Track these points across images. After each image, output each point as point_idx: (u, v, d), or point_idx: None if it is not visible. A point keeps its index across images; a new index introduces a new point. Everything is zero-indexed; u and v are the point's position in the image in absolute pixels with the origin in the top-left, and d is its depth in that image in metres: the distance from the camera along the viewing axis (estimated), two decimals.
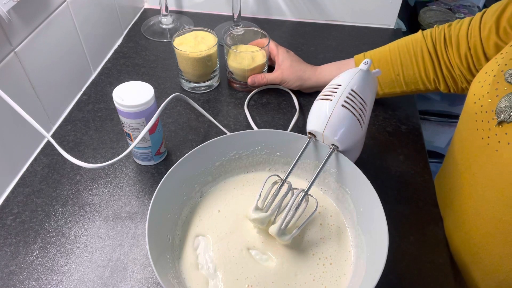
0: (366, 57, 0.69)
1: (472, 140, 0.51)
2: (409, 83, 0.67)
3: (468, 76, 0.61)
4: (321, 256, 0.51)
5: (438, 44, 0.64)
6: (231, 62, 0.77)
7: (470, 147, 0.52)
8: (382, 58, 0.68)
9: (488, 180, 0.49)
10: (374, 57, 0.69)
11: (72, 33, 0.75)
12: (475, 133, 0.50)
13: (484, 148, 0.48)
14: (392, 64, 0.67)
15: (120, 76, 0.84)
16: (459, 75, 0.63)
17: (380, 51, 0.70)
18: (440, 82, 0.65)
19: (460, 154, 0.56)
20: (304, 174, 0.59)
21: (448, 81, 0.64)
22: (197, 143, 0.68)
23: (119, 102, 0.57)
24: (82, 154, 0.68)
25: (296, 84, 0.76)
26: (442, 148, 1.30)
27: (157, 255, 0.45)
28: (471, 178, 0.53)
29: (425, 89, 0.68)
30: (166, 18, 0.96)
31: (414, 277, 0.54)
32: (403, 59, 0.66)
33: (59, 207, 0.61)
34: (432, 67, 0.65)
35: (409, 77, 0.67)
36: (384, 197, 0.48)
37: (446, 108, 1.22)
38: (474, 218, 0.53)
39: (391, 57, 0.67)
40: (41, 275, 0.53)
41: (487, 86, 0.48)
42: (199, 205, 0.56)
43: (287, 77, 0.75)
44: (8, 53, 0.59)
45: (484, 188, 0.50)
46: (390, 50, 0.68)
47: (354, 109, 0.53)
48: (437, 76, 0.65)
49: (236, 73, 0.78)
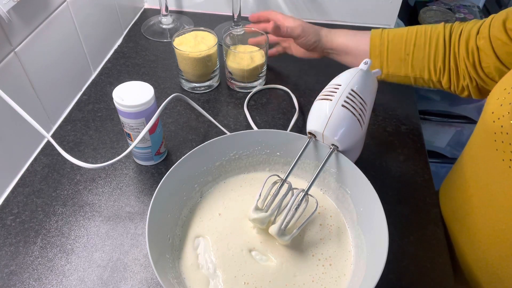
0: (385, 32, 0.68)
1: (489, 159, 0.50)
2: (415, 66, 0.66)
3: (472, 73, 0.60)
4: (321, 257, 0.51)
5: (454, 35, 0.62)
6: (230, 63, 0.77)
7: (487, 167, 0.51)
8: (398, 35, 0.66)
9: (509, 202, 0.48)
10: (391, 32, 0.67)
11: (72, 33, 0.75)
12: (494, 153, 0.48)
13: (504, 170, 0.47)
14: (406, 42, 0.65)
15: (120, 76, 0.84)
16: (463, 69, 0.61)
17: (398, 29, 0.68)
18: (444, 74, 0.64)
19: (473, 172, 0.54)
20: (304, 174, 0.59)
21: (452, 75, 0.63)
22: (197, 143, 0.68)
23: (119, 102, 0.57)
24: (82, 154, 0.68)
25: (314, 40, 0.72)
26: (442, 148, 1.30)
27: (157, 255, 0.45)
28: (488, 198, 0.51)
29: (428, 79, 0.66)
30: (166, 18, 0.96)
31: (414, 277, 0.54)
32: (418, 40, 0.65)
33: (59, 207, 0.61)
34: (443, 55, 0.63)
35: (418, 60, 0.65)
36: (384, 197, 0.48)
37: (446, 108, 1.22)
38: (492, 239, 0.52)
39: (407, 36, 0.66)
40: (41, 275, 0.53)
41: (507, 106, 0.46)
42: (199, 205, 0.56)
43: (307, 29, 0.71)
44: (8, 53, 0.59)
45: (504, 210, 0.49)
46: (409, 30, 0.67)
47: (354, 109, 0.53)
48: (444, 66, 0.64)
49: (235, 73, 0.78)
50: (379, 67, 0.67)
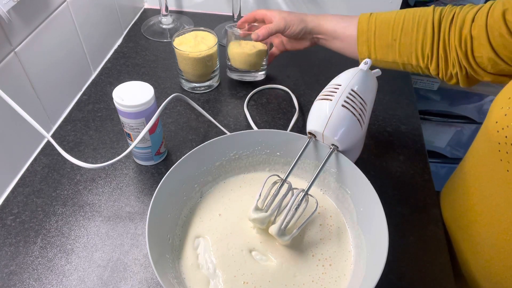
0: (373, 17, 0.66)
1: (493, 169, 0.49)
2: (403, 52, 0.64)
3: (463, 62, 0.58)
4: (321, 257, 0.51)
5: (444, 21, 0.60)
6: (232, 49, 0.77)
7: (491, 177, 0.50)
8: (385, 20, 0.65)
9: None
10: (379, 17, 0.66)
11: (72, 33, 0.75)
12: (498, 164, 0.48)
13: (509, 181, 0.46)
14: (393, 27, 0.64)
15: (120, 76, 0.84)
16: (454, 58, 0.60)
17: (386, 13, 0.67)
18: (432, 61, 0.62)
19: (476, 180, 0.54)
20: (304, 174, 0.59)
21: (441, 62, 0.61)
22: (197, 143, 0.68)
23: (119, 102, 0.57)
24: (82, 154, 0.68)
25: (300, 28, 0.70)
26: (442, 148, 1.29)
27: (157, 255, 0.45)
28: (492, 208, 0.51)
29: (416, 65, 0.64)
30: (166, 18, 0.96)
31: (414, 277, 0.54)
32: (406, 25, 0.63)
33: (59, 207, 0.61)
34: (431, 42, 0.61)
35: (405, 46, 0.63)
36: (384, 197, 0.48)
37: (446, 108, 1.22)
38: (496, 249, 0.51)
39: (395, 20, 0.64)
40: (41, 275, 0.53)
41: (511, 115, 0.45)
42: (199, 205, 0.56)
43: (290, 20, 0.70)
44: (8, 53, 0.59)
45: (508, 221, 0.48)
46: (397, 14, 0.65)
47: (354, 109, 0.53)
48: (432, 53, 0.62)
49: (237, 59, 0.78)
50: (367, 53, 0.66)
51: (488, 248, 0.52)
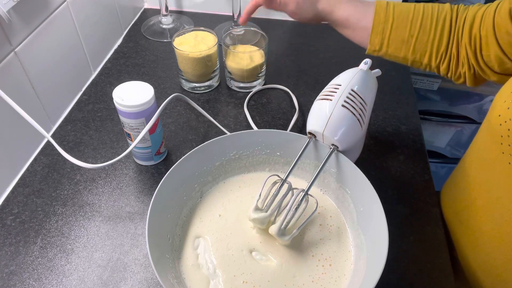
0: (390, 6, 0.63)
1: (495, 162, 0.50)
2: (417, 49, 0.62)
3: (472, 60, 0.58)
4: (321, 257, 0.51)
5: (459, 19, 0.59)
6: (229, 63, 0.77)
7: (492, 170, 0.50)
8: (404, 12, 0.62)
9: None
10: (397, 8, 0.63)
11: (72, 33, 0.75)
12: (501, 156, 0.48)
13: (510, 174, 0.47)
14: (412, 22, 0.61)
15: (120, 76, 0.84)
16: (463, 56, 0.59)
17: (405, 5, 0.63)
18: (445, 60, 0.61)
19: (478, 174, 0.54)
20: (304, 174, 0.59)
21: (452, 61, 0.61)
22: (197, 143, 0.68)
23: (119, 102, 0.57)
24: (82, 154, 0.68)
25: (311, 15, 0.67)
26: (442, 148, 1.29)
27: (157, 255, 0.45)
28: (493, 201, 0.51)
29: (426, 64, 0.62)
30: (166, 18, 0.96)
31: (414, 277, 0.54)
32: (424, 21, 0.61)
33: (59, 207, 0.61)
34: (447, 40, 0.60)
35: (421, 43, 0.61)
36: (384, 197, 0.48)
37: (446, 108, 1.22)
38: (497, 242, 0.51)
39: (414, 14, 0.61)
40: (41, 275, 0.53)
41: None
42: (199, 205, 0.56)
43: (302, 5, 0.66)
44: (8, 53, 0.59)
45: (509, 213, 0.48)
46: (415, 7, 0.62)
47: (354, 109, 0.53)
48: (446, 51, 0.60)
49: (235, 73, 0.78)
50: (379, 45, 0.63)
51: (489, 242, 0.53)
